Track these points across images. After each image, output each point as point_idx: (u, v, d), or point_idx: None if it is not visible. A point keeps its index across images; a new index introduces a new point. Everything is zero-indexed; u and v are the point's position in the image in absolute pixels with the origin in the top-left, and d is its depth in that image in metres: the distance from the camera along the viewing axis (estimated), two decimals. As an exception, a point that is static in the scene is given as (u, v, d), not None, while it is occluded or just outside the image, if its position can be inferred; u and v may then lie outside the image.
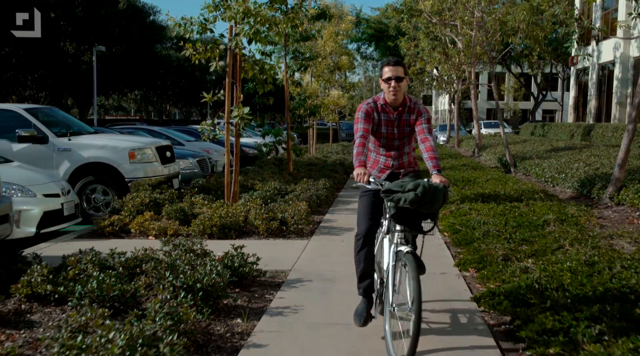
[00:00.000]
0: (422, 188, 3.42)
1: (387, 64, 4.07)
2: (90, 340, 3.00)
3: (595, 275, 4.95)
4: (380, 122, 4.15)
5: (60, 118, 10.49)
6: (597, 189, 9.68)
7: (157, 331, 3.27)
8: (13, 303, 4.60)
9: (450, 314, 4.50)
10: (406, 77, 4.11)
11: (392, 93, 4.03)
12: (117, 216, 7.86)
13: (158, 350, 2.96)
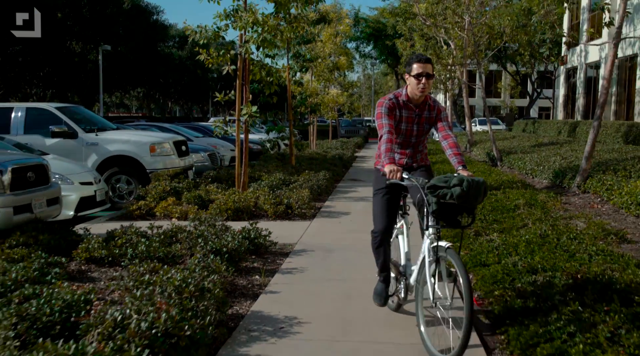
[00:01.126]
0: (467, 183, 3.43)
1: (418, 60, 4.03)
2: (155, 277, 4.14)
3: (546, 245, 6.08)
4: (401, 118, 4.16)
5: (86, 115, 11.61)
6: (568, 179, 10.84)
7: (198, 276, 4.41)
8: (74, 264, 5.73)
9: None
10: (434, 75, 4.13)
11: (420, 90, 4.02)
12: (143, 202, 9.00)
13: (204, 286, 4.09)
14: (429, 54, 22.58)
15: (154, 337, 3.05)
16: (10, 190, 6.29)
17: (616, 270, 4.86)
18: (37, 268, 4.55)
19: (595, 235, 6.48)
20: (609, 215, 8.28)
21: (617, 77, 23.68)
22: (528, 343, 3.58)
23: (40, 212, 6.69)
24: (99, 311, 3.38)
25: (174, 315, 3.21)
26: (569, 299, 4.14)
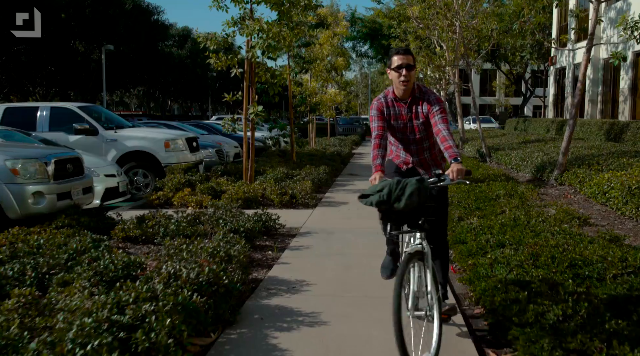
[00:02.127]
0: (388, 189, 3.35)
1: (397, 52, 3.92)
2: (191, 246, 5.12)
3: (517, 227, 7.05)
4: (391, 116, 4.03)
5: (104, 114, 12.55)
6: (547, 173, 11.84)
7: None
8: (113, 242, 6.68)
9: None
10: (415, 66, 3.98)
11: (402, 83, 3.88)
12: (161, 192, 9.96)
13: (231, 253, 5.06)
14: (422, 55, 23.59)
15: (200, 285, 4.03)
16: (53, 179, 7.25)
17: (570, 244, 5.84)
18: (90, 241, 5.51)
19: (562, 219, 7.46)
20: (579, 204, 9.28)
21: (602, 78, 24.70)
22: (488, 292, 4.56)
23: (77, 199, 7.65)
24: (154, 267, 4.36)
25: (215, 268, 4.18)
26: (525, 264, 5.13)
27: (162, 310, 3.39)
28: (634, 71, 21.69)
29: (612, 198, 8.51)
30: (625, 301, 4.17)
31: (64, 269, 4.58)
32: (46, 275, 4.56)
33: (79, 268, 4.45)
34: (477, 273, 5.19)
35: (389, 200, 3.33)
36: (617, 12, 21.92)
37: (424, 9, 18.83)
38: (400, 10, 24.36)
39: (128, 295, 3.55)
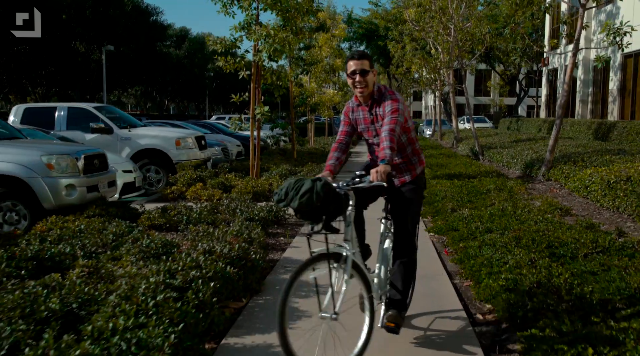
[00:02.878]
0: (286, 188, 3.31)
1: (351, 57, 3.86)
2: (217, 231, 5.84)
3: (505, 216, 7.79)
4: (358, 121, 4.02)
5: (117, 114, 13.24)
6: (535, 169, 12.59)
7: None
8: (138, 230, 7.39)
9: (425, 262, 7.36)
10: (373, 70, 3.87)
11: (358, 89, 3.84)
12: (175, 187, 10.67)
13: (252, 236, 5.79)
14: (418, 57, 24.33)
15: (232, 259, 4.75)
16: (83, 173, 7.96)
17: (550, 230, 6.58)
18: (126, 227, 6.23)
19: (545, 210, 8.20)
20: (563, 197, 10.03)
21: (592, 79, 25.50)
22: (475, 268, 5.30)
23: (103, 192, 8.36)
24: (189, 246, 5.09)
25: (243, 245, 4.91)
26: (509, 245, 5.87)
27: (205, 276, 4.12)
28: (623, 73, 22.49)
29: (592, 192, 9.27)
30: (592, 274, 4.91)
31: (111, 248, 5.29)
32: (93, 254, 5.27)
33: (124, 246, 5.17)
34: (467, 254, 5.93)
35: (286, 198, 3.29)
36: (607, 15, 22.72)
37: (420, 13, 19.54)
38: (397, 13, 25.09)
39: (176, 264, 4.27)
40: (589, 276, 4.78)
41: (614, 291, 4.34)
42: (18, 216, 7.63)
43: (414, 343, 3.91)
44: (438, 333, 4.07)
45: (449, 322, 4.29)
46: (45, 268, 4.72)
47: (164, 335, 3.10)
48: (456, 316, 4.42)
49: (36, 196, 7.56)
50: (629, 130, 16.60)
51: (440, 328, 4.17)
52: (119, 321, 3.18)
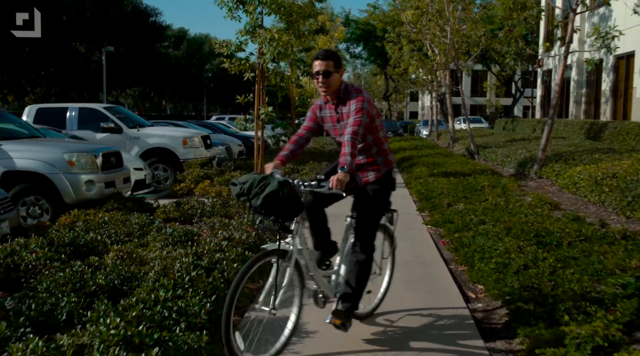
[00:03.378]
0: (250, 183, 3.32)
1: (316, 57, 3.80)
2: (232, 222, 6.35)
3: (497, 210, 8.30)
4: (324, 119, 3.99)
5: (126, 114, 13.73)
6: (528, 168, 13.13)
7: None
8: (157, 223, 7.89)
9: (411, 233, 7.87)
10: (339, 70, 3.83)
11: (321, 89, 3.82)
12: (183, 184, 11.18)
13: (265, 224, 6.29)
14: (416, 59, 24.86)
15: (249, 244, 5.26)
16: (101, 170, 8.46)
17: (538, 221, 7.10)
18: (146, 219, 6.73)
19: (536, 205, 8.73)
20: (554, 193, 10.56)
21: (586, 80, 26.06)
22: (469, 255, 5.82)
23: (119, 188, 8.86)
24: (209, 234, 5.60)
25: (259, 234, 5.42)
26: (500, 235, 6.39)
27: (229, 258, 4.63)
28: (615, 74, 23.05)
29: (580, 188, 9.80)
30: (574, 258, 5.43)
31: (137, 236, 5.80)
32: (121, 242, 5.77)
33: (150, 235, 5.68)
34: (462, 243, 6.45)
35: (248, 194, 3.31)
36: (600, 18, 23.29)
37: (418, 15, 20.09)
38: (394, 15, 25.64)
39: (201, 248, 4.78)
40: (571, 261, 5.30)
41: (591, 272, 4.86)
42: (41, 210, 8.13)
43: (413, 316, 4.43)
44: (436, 309, 4.59)
45: (445, 300, 4.81)
46: (81, 253, 5.23)
47: (200, 304, 3.61)
48: (451, 296, 4.93)
49: (58, 191, 8.06)
50: (620, 130, 17.15)
51: (437, 305, 4.68)
52: (160, 294, 3.69)
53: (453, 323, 4.27)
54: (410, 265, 5.91)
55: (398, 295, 4.86)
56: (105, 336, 2.90)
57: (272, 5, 11.71)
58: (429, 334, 4.07)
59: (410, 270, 5.77)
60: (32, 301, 3.71)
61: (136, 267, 4.56)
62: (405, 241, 7.09)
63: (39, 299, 3.76)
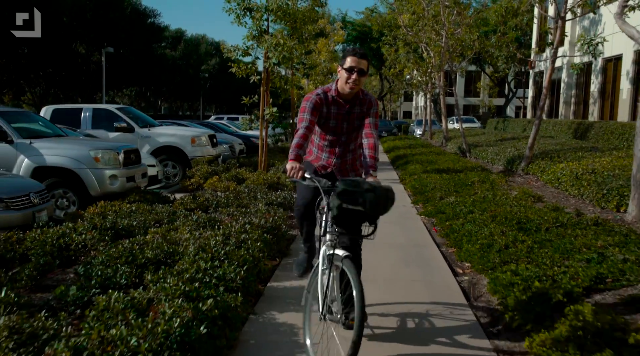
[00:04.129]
0: (380, 189, 3.34)
1: (353, 54, 3.77)
2: (249, 210, 7.13)
3: (485, 202, 9.10)
4: (329, 115, 3.89)
5: (136, 114, 14.48)
6: (516, 165, 13.96)
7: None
8: (181, 211, 8.65)
9: (406, 222, 8.67)
10: (368, 72, 3.83)
11: (350, 86, 3.76)
12: (193, 179, 11.94)
13: (276, 213, 7.08)
14: (412, 62, 25.67)
15: (268, 228, 6.04)
16: (123, 165, 9.22)
17: (521, 211, 7.90)
18: (170, 208, 7.50)
19: (520, 197, 9.54)
20: (538, 188, 11.38)
21: (575, 81, 26.95)
22: (458, 239, 6.62)
23: (138, 182, 9.63)
24: (230, 220, 6.38)
25: (275, 219, 6.21)
26: (486, 222, 7.20)
27: (252, 239, 5.41)
28: (603, 76, 23.93)
29: (562, 183, 10.63)
30: (549, 240, 6.23)
31: (166, 222, 6.58)
32: (149, 228, 6.54)
33: (179, 221, 6.46)
34: (452, 229, 7.25)
35: (379, 201, 3.33)
36: (590, 22, 24.19)
37: (414, 20, 20.91)
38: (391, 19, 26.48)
39: (227, 230, 5.56)
40: (547, 242, 6.10)
41: (562, 251, 5.66)
42: (68, 202, 8.89)
43: (409, 287, 5.22)
44: (429, 282, 5.38)
45: (437, 275, 5.60)
46: (121, 236, 6.00)
47: (235, 272, 4.39)
48: (442, 271, 5.73)
49: (84, 184, 8.82)
50: (605, 130, 17.99)
51: (430, 279, 5.48)
52: (200, 264, 4.47)
53: (444, 291, 5.07)
54: (406, 248, 6.71)
55: (395, 271, 5.66)
56: (169, 291, 3.69)
57: (278, 12, 12.50)
58: (422, 298, 4.86)
59: (406, 251, 6.56)
60: (97, 269, 4.48)
61: (171, 246, 5.33)
62: (401, 229, 7.91)
63: (98, 269, 4.53)
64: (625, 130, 16.22)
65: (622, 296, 4.43)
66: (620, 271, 4.77)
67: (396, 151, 22.55)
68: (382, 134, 41.55)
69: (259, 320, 4.26)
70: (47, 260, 4.97)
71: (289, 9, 12.66)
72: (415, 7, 20.61)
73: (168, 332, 3.05)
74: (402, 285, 5.23)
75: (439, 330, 4.15)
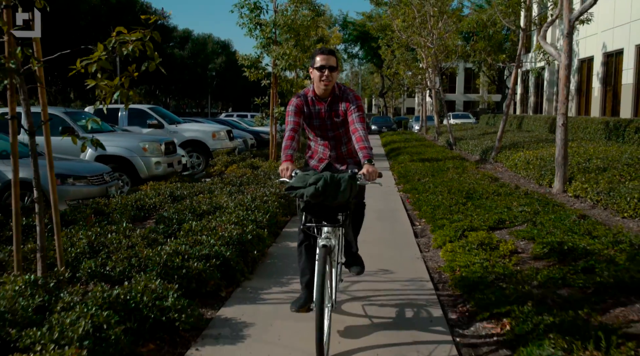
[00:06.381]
0: (323, 181, 3.40)
1: (321, 52, 3.95)
2: (265, 185, 9.58)
3: (453, 182, 11.49)
4: (311, 115, 4.09)
5: (164, 112, 16.93)
6: (489, 154, 16.36)
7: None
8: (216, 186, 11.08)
9: (387, 196, 11.09)
10: (338, 68, 4.00)
11: (323, 83, 3.93)
12: (216, 167, 14.39)
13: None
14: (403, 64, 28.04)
15: (281, 195, 8.48)
16: (164, 154, 11.67)
17: (472, 186, 10.29)
18: (207, 186, 9.95)
19: (480, 178, 11.95)
20: (501, 172, 13.79)
21: (557, 80, 29.28)
22: (423, 207, 9.06)
23: (176, 168, 12.08)
24: (253, 190, 8.84)
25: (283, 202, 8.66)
26: (444, 193, 9.61)
27: (271, 200, 7.85)
28: (579, 75, 26.28)
29: (518, 167, 13.04)
30: (483, 204, 8.64)
31: (207, 192, 9.03)
32: (195, 196, 8.96)
33: (216, 191, 8.92)
34: (418, 199, 9.68)
35: (325, 192, 3.41)
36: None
37: (405, 27, 23.32)
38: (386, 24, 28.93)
39: (252, 194, 8.01)
40: (481, 205, 8.51)
41: (488, 209, 8.07)
42: (122, 183, 11.34)
43: (381, 231, 7.65)
44: (394, 229, 7.81)
45: (400, 228, 8.03)
46: (177, 200, 8.45)
47: (263, 216, 6.83)
48: (405, 224, 8.17)
49: (135, 169, 11.28)
50: (573, 125, 20.35)
51: (396, 229, 7.90)
52: (241, 213, 6.89)
53: (404, 234, 7.49)
54: (382, 211, 9.14)
55: (372, 225, 8.07)
56: (225, 220, 6.14)
57: (284, 27, 14.92)
58: (389, 239, 7.28)
59: (382, 213, 8.99)
60: (172, 216, 6.92)
61: (217, 204, 7.77)
62: (382, 200, 10.34)
63: (173, 216, 6.96)
64: (589, 125, 18.58)
65: (510, 230, 6.87)
66: (515, 217, 7.21)
67: (392, 145, 24.96)
68: (382, 130, 43.95)
69: (278, 246, 6.71)
70: (136, 213, 7.43)
71: (293, 23, 15.08)
72: (404, 16, 23.01)
73: (230, 237, 5.50)
74: (377, 230, 7.64)
75: (395, 249, 6.58)
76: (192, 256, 4.90)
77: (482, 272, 5.07)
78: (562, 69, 10.16)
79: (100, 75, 4.22)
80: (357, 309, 4.59)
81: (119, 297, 3.75)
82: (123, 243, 5.31)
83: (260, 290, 5.04)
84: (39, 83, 4.53)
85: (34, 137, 4.42)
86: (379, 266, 5.78)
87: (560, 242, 5.76)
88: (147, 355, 3.60)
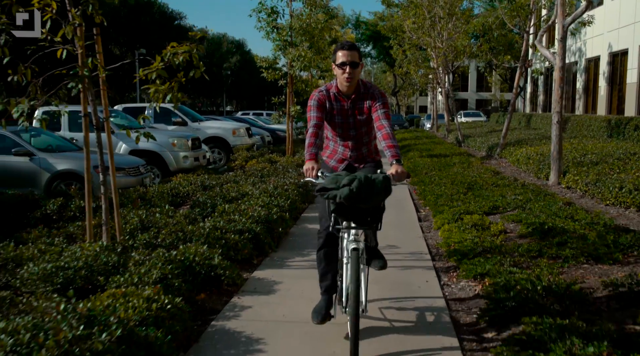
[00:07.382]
0: (358, 182, 3.27)
1: (342, 48, 3.82)
2: (285, 177, 10.57)
3: (458, 176, 12.39)
4: (333, 111, 3.93)
5: (186, 111, 17.97)
6: (494, 150, 17.23)
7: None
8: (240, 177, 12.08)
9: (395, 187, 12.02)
10: (361, 63, 3.84)
11: (346, 80, 3.79)
12: (237, 162, 15.39)
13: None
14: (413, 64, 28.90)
15: (299, 185, 9.46)
16: (191, 149, 12.69)
17: (476, 178, 11.20)
18: (230, 177, 10.94)
19: (483, 172, 12.84)
20: (504, 167, 14.67)
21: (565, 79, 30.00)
22: (428, 197, 10.00)
23: (201, 162, 13.09)
24: (275, 181, 9.83)
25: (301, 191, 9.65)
26: (448, 185, 10.53)
27: (291, 188, 8.83)
28: (586, 74, 27.01)
29: (520, 162, 13.91)
30: (487, 195, 9.55)
31: (233, 182, 10.03)
32: (224, 185, 9.95)
33: (241, 181, 9.91)
34: (425, 190, 10.60)
35: (359, 194, 3.28)
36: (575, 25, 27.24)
37: (415, 29, 24.20)
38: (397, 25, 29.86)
39: (274, 184, 9.00)
40: (481, 194, 9.42)
41: (485, 198, 8.98)
42: (154, 175, 12.37)
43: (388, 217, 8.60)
44: (401, 215, 8.75)
45: (406, 214, 8.97)
46: (207, 188, 9.45)
47: (284, 202, 7.80)
48: (411, 212, 9.11)
49: (165, 163, 12.30)
50: (578, 122, 21.15)
51: (402, 215, 8.84)
52: (263, 199, 7.86)
53: (408, 219, 8.43)
54: (390, 200, 10.01)
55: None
56: (253, 204, 7.12)
57: (300, 30, 15.87)
58: (396, 223, 8.22)
59: (389, 201, 9.87)
60: (205, 201, 7.92)
61: (243, 192, 8.74)
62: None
63: (207, 201, 7.94)
64: (592, 123, 19.37)
65: (502, 215, 7.80)
66: (508, 204, 8.14)
67: (403, 142, 25.85)
68: (394, 128, 44.75)
69: (298, 227, 7.68)
70: (172, 199, 8.44)
71: (308, 27, 16.04)
72: (415, 18, 23.89)
73: (259, 217, 6.49)
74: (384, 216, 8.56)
75: (401, 231, 7.53)
76: (228, 230, 5.89)
77: (472, 246, 6.01)
78: (557, 71, 11.04)
79: (158, 81, 5.17)
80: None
81: (177, 257, 4.73)
82: (169, 222, 6.31)
83: (285, 259, 6.03)
84: (105, 85, 5.53)
85: (99, 131, 5.40)
86: (386, 243, 6.73)
87: (542, 223, 6.68)
88: (200, 301, 4.58)
